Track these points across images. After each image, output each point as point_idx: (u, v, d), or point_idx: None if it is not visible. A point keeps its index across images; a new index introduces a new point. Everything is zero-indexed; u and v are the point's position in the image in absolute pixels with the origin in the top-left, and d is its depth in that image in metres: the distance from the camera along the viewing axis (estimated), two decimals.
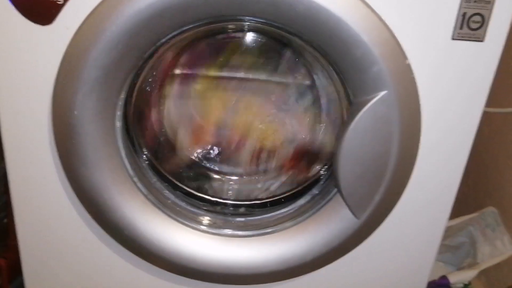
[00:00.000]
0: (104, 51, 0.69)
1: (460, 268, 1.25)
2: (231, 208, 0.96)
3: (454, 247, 1.30)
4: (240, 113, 1.02)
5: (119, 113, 0.77)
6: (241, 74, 0.97)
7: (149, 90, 0.93)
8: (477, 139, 0.81)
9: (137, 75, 0.80)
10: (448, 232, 1.28)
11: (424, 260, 0.93)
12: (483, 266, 1.17)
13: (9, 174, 0.83)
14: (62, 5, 0.69)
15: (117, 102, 0.75)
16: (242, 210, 0.96)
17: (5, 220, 1.27)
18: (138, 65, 0.75)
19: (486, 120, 0.88)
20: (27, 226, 0.88)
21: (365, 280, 0.95)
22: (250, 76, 0.98)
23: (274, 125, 1.03)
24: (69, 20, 0.70)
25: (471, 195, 1.40)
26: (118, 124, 0.77)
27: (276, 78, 1.01)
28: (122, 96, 0.76)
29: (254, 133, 1.04)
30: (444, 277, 1.14)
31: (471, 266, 1.20)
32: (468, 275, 1.16)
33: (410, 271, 0.95)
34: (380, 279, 0.95)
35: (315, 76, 0.97)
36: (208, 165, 1.02)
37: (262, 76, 0.98)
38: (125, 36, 0.68)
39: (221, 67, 0.96)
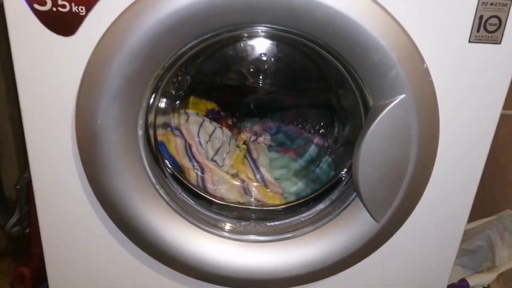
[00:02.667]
0: (126, 61, 0.70)
1: (478, 272, 1.24)
2: (252, 214, 0.97)
3: (472, 250, 1.29)
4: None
5: (141, 121, 0.78)
6: (257, 82, 0.98)
7: (169, 99, 0.94)
8: (493, 142, 0.81)
9: (158, 84, 0.81)
10: (466, 236, 1.28)
11: (443, 263, 0.93)
12: (502, 269, 1.16)
13: (34, 183, 0.84)
14: (84, 17, 0.71)
15: (139, 111, 0.76)
16: (262, 215, 0.96)
17: (28, 230, 1.29)
18: (159, 74, 0.76)
19: (503, 122, 0.88)
20: (52, 234, 0.89)
21: (385, 283, 0.95)
22: (267, 84, 0.99)
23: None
24: (91, 31, 0.71)
25: (488, 198, 1.39)
26: (140, 132, 0.78)
27: (292, 85, 1.02)
28: (144, 104, 0.77)
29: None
30: (463, 280, 1.13)
31: (489, 269, 1.20)
32: (487, 278, 1.15)
33: (429, 274, 0.95)
34: (400, 282, 0.95)
35: (332, 81, 0.98)
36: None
37: (279, 83, 0.99)
38: (147, 45, 0.69)
39: (237, 75, 0.97)
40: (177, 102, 0.99)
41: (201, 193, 0.96)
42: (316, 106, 1.07)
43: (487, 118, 0.79)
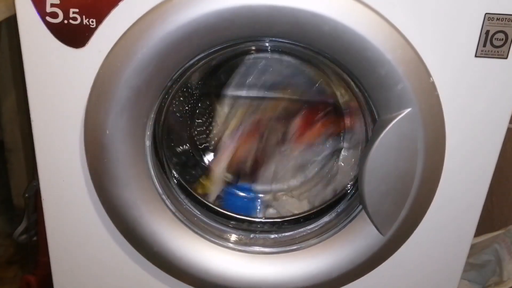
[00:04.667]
0: (135, 72, 0.71)
1: (486, 287, 1.23)
2: (258, 226, 0.97)
3: (479, 265, 1.28)
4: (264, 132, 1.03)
5: (148, 132, 0.78)
6: (265, 94, 0.99)
7: (177, 110, 0.95)
8: (500, 156, 0.81)
9: (166, 96, 0.82)
10: (473, 250, 1.26)
11: (450, 277, 0.93)
12: (510, 284, 1.15)
13: (42, 192, 0.85)
14: (94, 29, 0.72)
15: (147, 122, 0.77)
16: (268, 227, 0.97)
17: (35, 238, 1.30)
18: (168, 86, 0.77)
19: (510, 136, 0.88)
20: (59, 243, 0.90)
21: None
22: (274, 95, 0.99)
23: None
24: (101, 43, 0.72)
25: (495, 212, 1.38)
26: (148, 143, 0.79)
27: (299, 97, 1.02)
28: (152, 115, 0.78)
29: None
30: None
31: (497, 284, 1.19)
32: None
33: None
34: None
35: (338, 94, 0.98)
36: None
37: (286, 95, 1.00)
38: (156, 57, 0.70)
39: (246, 87, 0.97)
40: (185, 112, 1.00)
41: (206, 202, 0.97)
42: (321, 117, 1.07)
43: (494, 132, 0.79)
